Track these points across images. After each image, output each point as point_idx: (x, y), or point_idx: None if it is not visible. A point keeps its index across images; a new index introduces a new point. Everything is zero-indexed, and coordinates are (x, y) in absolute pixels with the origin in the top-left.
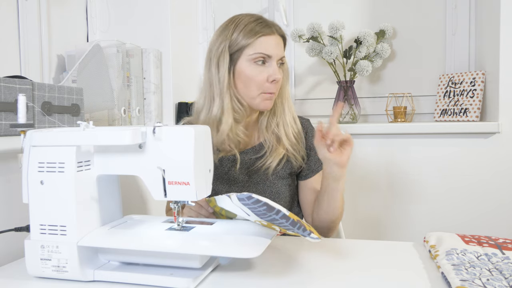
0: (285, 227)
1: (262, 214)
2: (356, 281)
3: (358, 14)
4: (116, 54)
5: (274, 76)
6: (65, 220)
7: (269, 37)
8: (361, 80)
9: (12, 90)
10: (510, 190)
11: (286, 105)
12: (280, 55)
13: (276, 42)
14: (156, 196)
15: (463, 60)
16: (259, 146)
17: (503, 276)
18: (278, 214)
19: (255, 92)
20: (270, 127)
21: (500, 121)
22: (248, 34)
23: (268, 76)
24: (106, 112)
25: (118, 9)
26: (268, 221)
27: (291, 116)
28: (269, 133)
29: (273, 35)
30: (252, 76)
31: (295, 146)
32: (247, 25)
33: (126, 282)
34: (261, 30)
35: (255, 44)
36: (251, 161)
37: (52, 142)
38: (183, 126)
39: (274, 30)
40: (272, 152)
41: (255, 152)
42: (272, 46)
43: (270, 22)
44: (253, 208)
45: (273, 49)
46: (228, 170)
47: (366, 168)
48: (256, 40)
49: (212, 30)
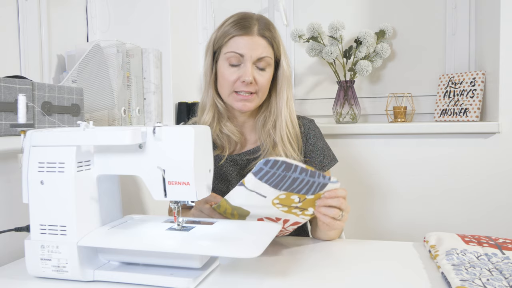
0: (305, 187)
1: (281, 180)
2: (356, 281)
3: (358, 14)
4: (116, 54)
5: (244, 77)
6: (65, 220)
7: (243, 37)
8: (361, 80)
9: (12, 90)
10: (510, 190)
11: (283, 107)
12: (256, 56)
13: (252, 42)
14: (156, 196)
15: (463, 60)
16: (255, 149)
17: (503, 276)
18: (297, 170)
19: (227, 91)
20: (266, 127)
21: (500, 121)
22: (224, 33)
23: (239, 76)
24: (106, 112)
25: (118, 9)
26: (287, 189)
27: (288, 119)
28: (265, 133)
29: (249, 35)
30: (224, 75)
31: (289, 153)
32: (227, 24)
33: (126, 282)
34: (235, 31)
35: (228, 43)
36: (245, 162)
37: (52, 142)
38: (183, 126)
39: (251, 30)
40: (267, 155)
41: (250, 154)
42: (245, 46)
43: (251, 23)
44: (271, 178)
45: (247, 49)
46: (226, 169)
47: (366, 168)
48: (230, 39)
49: (212, 30)
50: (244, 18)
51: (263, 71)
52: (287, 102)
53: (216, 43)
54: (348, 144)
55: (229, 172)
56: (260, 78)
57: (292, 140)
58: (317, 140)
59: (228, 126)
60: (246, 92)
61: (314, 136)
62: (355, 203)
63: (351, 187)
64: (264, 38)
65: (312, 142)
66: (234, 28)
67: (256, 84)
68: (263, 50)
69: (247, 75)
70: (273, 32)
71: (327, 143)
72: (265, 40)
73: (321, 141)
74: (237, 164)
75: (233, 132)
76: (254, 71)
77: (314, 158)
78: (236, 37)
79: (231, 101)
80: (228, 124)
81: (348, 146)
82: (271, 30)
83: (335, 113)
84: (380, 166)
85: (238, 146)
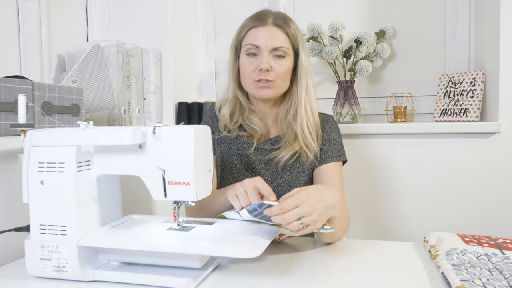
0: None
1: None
2: (356, 281)
3: (358, 14)
4: (116, 54)
5: (261, 66)
6: (65, 220)
7: (258, 28)
8: (361, 80)
9: (12, 90)
10: (510, 190)
11: (303, 96)
12: (271, 46)
13: (266, 32)
14: (156, 196)
15: (463, 60)
16: (276, 139)
17: (503, 276)
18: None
19: (248, 81)
20: (287, 118)
21: (500, 121)
22: (242, 28)
23: (256, 66)
24: (106, 112)
25: (118, 9)
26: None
27: (309, 109)
28: (287, 124)
29: (264, 26)
30: (244, 67)
31: (308, 143)
32: (246, 20)
33: (126, 282)
34: (251, 23)
35: (246, 37)
36: (266, 152)
37: (52, 142)
38: (183, 126)
39: (266, 21)
40: (287, 146)
41: (271, 144)
42: (260, 37)
43: (265, 14)
44: (265, 216)
45: (261, 40)
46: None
47: (366, 168)
48: (247, 33)
49: (212, 30)
50: (261, 11)
51: (281, 59)
52: (307, 90)
53: (237, 39)
54: (348, 144)
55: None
56: (277, 66)
57: (312, 129)
58: (333, 131)
59: (250, 118)
60: (264, 79)
61: (330, 127)
62: (355, 203)
63: (351, 187)
64: (279, 28)
65: (328, 132)
66: (251, 21)
67: (273, 72)
68: (278, 40)
69: (264, 63)
70: (289, 23)
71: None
72: (280, 30)
73: (336, 134)
74: (260, 152)
75: (255, 123)
76: (271, 60)
77: (327, 147)
78: (252, 29)
79: (252, 91)
80: (250, 116)
81: (348, 146)
82: (286, 21)
83: (335, 113)
84: (380, 166)
85: (261, 136)
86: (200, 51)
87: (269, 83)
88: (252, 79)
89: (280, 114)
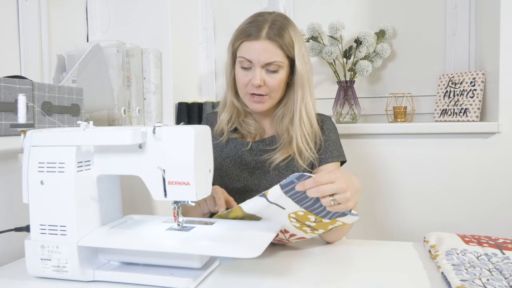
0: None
1: (305, 197)
2: (356, 281)
3: (358, 14)
4: (116, 54)
5: (253, 81)
6: (65, 220)
7: (252, 42)
8: (361, 80)
9: (12, 90)
10: (510, 190)
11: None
12: (263, 61)
13: (259, 47)
14: (156, 196)
15: (463, 60)
16: (271, 139)
17: (503, 276)
18: None
19: (242, 92)
20: (283, 122)
21: (500, 121)
22: (237, 37)
23: (249, 80)
24: (106, 112)
25: (118, 9)
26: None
27: (305, 117)
28: (283, 128)
29: (257, 40)
30: (239, 78)
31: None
32: (242, 25)
33: (126, 282)
34: (244, 36)
35: (240, 49)
36: (261, 152)
37: (52, 142)
38: (183, 126)
39: (259, 36)
40: (282, 148)
41: (266, 144)
42: (253, 52)
43: (259, 26)
44: (297, 192)
45: (255, 55)
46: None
47: (366, 168)
48: (241, 44)
49: (212, 30)
50: (255, 20)
51: (275, 73)
52: (303, 99)
53: (233, 46)
54: (348, 144)
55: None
56: (270, 80)
57: (310, 138)
58: (331, 132)
59: (246, 121)
60: (257, 94)
61: (328, 128)
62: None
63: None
64: (272, 42)
65: (326, 133)
66: (244, 33)
67: (266, 87)
68: (270, 55)
69: (256, 79)
70: (283, 34)
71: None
72: (273, 44)
73: (334, 134)
74: (255, 152)
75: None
76: (264, 74)
77: (325, 148)
78: (245, 42)
79: (246, 102)
80: (246, 119)
81: (348, 146)
82: (281, 32)
83: (335, 113)
84: (379, 166)
85: (256, 136)
86: (200, 51)
87: (262, 98)
88: (246, 91)
89: (276, 117)
